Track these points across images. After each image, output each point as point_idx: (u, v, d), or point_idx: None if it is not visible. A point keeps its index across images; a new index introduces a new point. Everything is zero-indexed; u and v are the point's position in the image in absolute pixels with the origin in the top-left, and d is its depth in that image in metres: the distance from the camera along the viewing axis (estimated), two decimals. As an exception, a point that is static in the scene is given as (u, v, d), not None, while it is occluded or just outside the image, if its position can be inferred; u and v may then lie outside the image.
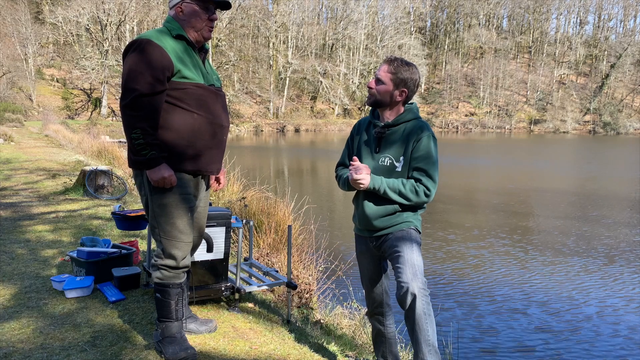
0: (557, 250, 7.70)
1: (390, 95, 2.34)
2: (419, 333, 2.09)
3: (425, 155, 2.27)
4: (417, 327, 2.08)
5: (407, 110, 2.38)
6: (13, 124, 25.33)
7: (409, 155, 2.29)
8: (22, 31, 45.33)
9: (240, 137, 42.27)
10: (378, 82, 2.35)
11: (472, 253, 7.44)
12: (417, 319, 2.07)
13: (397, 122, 2.35)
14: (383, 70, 2.34)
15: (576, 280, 6.29)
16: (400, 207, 2.32)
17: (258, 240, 5.02)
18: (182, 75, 2.23)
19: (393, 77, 2.32)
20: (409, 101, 2.39)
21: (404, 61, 2.34)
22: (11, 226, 4.95)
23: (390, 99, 2.34)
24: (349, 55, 67.56)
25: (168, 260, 2.33)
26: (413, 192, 2.26)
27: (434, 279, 6.14)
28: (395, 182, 2.28)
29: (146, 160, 2.16)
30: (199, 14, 2.28)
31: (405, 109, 2.38)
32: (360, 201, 2.41)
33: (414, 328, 2.10)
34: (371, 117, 2.47)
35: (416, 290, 2.06)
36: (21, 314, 2.82)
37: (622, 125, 64.06)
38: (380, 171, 2.33)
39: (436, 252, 7.39)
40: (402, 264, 2.16)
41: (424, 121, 2.39)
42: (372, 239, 2.43)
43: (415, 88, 2.37)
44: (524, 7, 78.64)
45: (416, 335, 2.10)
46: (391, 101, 2.35)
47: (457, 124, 65.89)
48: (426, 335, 2.09)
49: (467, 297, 5.63)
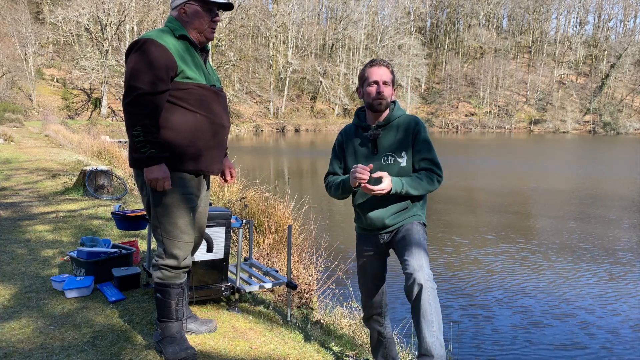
0: (557, 250, 7.70)
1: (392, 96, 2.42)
2: (424, 324, 2.04)
3: (427, 145, 2.35)
4: (423, 317, 2.05)
5: (395, 108, 2.42)
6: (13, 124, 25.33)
7: (411, 149, 2.34)
8: (22, 31, 45.32)
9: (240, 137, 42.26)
10: (386, 85, 2.36)
11: (472, 253, 7.44)
12: (422, 309, 2.04)
13: (389, 120, 2.39)
14: (384, 73, 2.35)
15: (577, 280, 6.29)
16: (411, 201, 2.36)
17: (258, 240, 5.03)
18: (185, 75, 2.23)
19: (393, 78, 2.38)
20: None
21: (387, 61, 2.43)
22: (11, 226, 4.95)
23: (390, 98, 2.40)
24: (349, 55, 67.57)
25: (169, 260, 2.33)
26: (430, 181, 2.32)
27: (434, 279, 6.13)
28: (413, 179, 2.31)
29: (145, 157, 2.16)
30: (202, 15, 2.29)
31: (393, 107, 2.43)
32: (368, 204, 2.40)
33: (419, 319, 2.06)
34: (357, 120, 2.49)
35: (422, 280, 2.06)
36: (21, 314, 2.82)
37: (622, 125, 64.05)
38: (385, 170, 2.34)
39: (436, 252, 7.38)
40: (409, 257, 2.17)
41: (411, 115, 2.45)
42: (383, 235, 2.44)
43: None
44: (524, 7, 78.62)
45: (421, 326, 2.05)
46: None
47: (457, 124, 65.86)
48: (431, 326, 2.05)
49: (467, 297, 5.63)
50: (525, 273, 6.56)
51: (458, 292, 5.76)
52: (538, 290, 5.89)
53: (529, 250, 7.69)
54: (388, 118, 2.39)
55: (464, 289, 5.88)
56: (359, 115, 2.50)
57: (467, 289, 5.88)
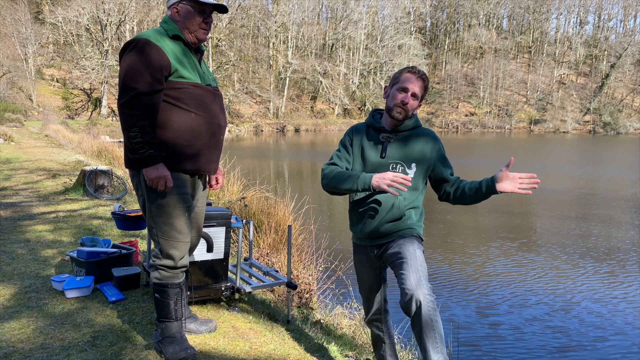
0: (558, 250, 7.70)
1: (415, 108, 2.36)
2: (427, 340, 2.03)
3: (448, 161, 2.40)
4: (424, 334, 2.03)
5: (413, 119, 2.36)
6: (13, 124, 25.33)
7: (428, 165, 2.34)
8: (22, 31, 45.30)
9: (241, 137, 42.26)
10: (414, 97, 2.30)
11: (472, 253, 7.44)
12: (423, 326, 2.01)
13: (404, 129, 2.34)
14: (419, 86, 2.29)
15: (578, 280, 6.29)
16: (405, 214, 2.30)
17: (258, 240, 5.03)
18: (179, 74, 2.23)
19: (425, 93, 2.35)
20: None
21: (426, 74, 2.37)
22: (11, 226, 4.95)
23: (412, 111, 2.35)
24: (349, 55, 67.56)
25: (166, 260, 2.33)
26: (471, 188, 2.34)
27: (433, 279, 6.14)
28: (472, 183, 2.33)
29: (144, 158, 2.16)
30: (194, 16, 2.29)
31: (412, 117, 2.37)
32: (364, 208, 2.34)
33: (420, 335, 2.04)
34: (371, 121, 2.40)
35: (421, 297, 2.00)
36: (21, 314, 2.82)
37: (622, 125, 64.04)
38: None
39: (436, 252, 7.39)
40: (405, 271, 2.10)
41: (427, 129, 2.42)
42: (373, 248, 2.38)
43: None
44: (524, 7, 78.64)
45: (424, 342, 2.04)
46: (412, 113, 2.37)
47: (457, 124, 65.84)
48: (434, 342, 2.03)
49: (468, 296, 5.63)
50: (525, 273, 6.56)
51: (458, 292, 5.76)
52: (538, 290, 5.89)
53: (529, 250, 7.69)
54: (405, 126, 2.34)
55: (464, 289, 5.87)
56: (374, 116, 2.42)
57: (467, 289, 5.88)
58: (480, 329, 4.75)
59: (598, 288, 6.03)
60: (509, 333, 4.70)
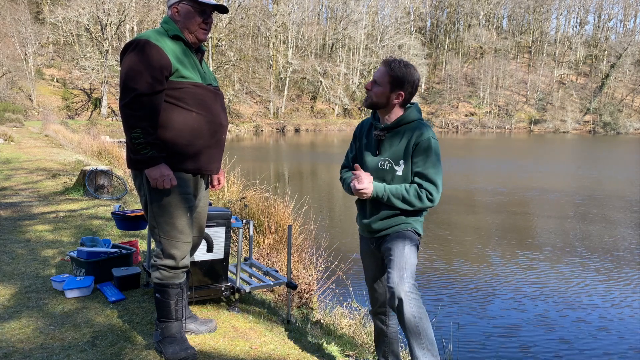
0: (558, 250, 7.70)
1: (387, 97, 2.28)
2: (411, 337, 2.05)
3: (426, 159, 2.22)
4: (408, 330, 2.05)
5: (407, 112, 2.32)
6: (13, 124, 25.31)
7: (410, 159, 2.25)
8: (22, 31, 45.28)
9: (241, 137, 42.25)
10: (374, 84, 2.30)
11: (472, 252, 7.44)
12: (406, 322, 2.03)
13: (397, 125, 2.30)
14: (380, 72, 2.28)
15: (577, 280, 6.29)
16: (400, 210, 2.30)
17: (258, 240, 5.03)
18: (180, 74, 2.23)
19: (390, 79, 2.26)
20: (407, 103, 2.33)
21: (402, 62, 2.27)
22: (11, 226, 4.95)
23: (387, 102, 2.29)
24: (349, 55, 67.52)
25: (167, 260, 2.33)
26: (416, 197, 2.22)
27: (433, 279, 6.14)
28: (399, 189, 2.24)
29: (147, 158, 2.16)
30: (194, 16, 2.29)
31: (406, 111, 2.32)
32: (362, 204, 2.42)
33: (405, 332, 2.07)
34: (372, 118, 2.43)
35: (402, 294, 2.02)
36: (21, 314, 2.82)
37: (622, 125, 64.00)
38: (381, 175, 2.30)
39: (436, 253, 7.39)
40: (391, 268, 2.15)
41: (424, 123, 2.32)
42: (372, 240, 2.43)
43: (414, 90, 2.30)
44: (524, 7, 78.59)
45: (408, 339, 2.07)
46: (388, 103, 2.30)
47: (457, 124, 65.83)
48: (419, 338, 2.04)
49: (468, 296, 5.63)
50: (525, 273, 6.56)
51: (458, 292, 5.76)
52: (538, 290, 5.89)
53: (529, 250, 7.69)
54: (398, 121, 2.30)
55: (464, 289, 5.87)
56: (374, 113, 2.42)
57: (467, 289, 5.88)
58: (480, 329, 4.75)
59: (598, 288, 6.03)
60: (509, 332, 4.70)
